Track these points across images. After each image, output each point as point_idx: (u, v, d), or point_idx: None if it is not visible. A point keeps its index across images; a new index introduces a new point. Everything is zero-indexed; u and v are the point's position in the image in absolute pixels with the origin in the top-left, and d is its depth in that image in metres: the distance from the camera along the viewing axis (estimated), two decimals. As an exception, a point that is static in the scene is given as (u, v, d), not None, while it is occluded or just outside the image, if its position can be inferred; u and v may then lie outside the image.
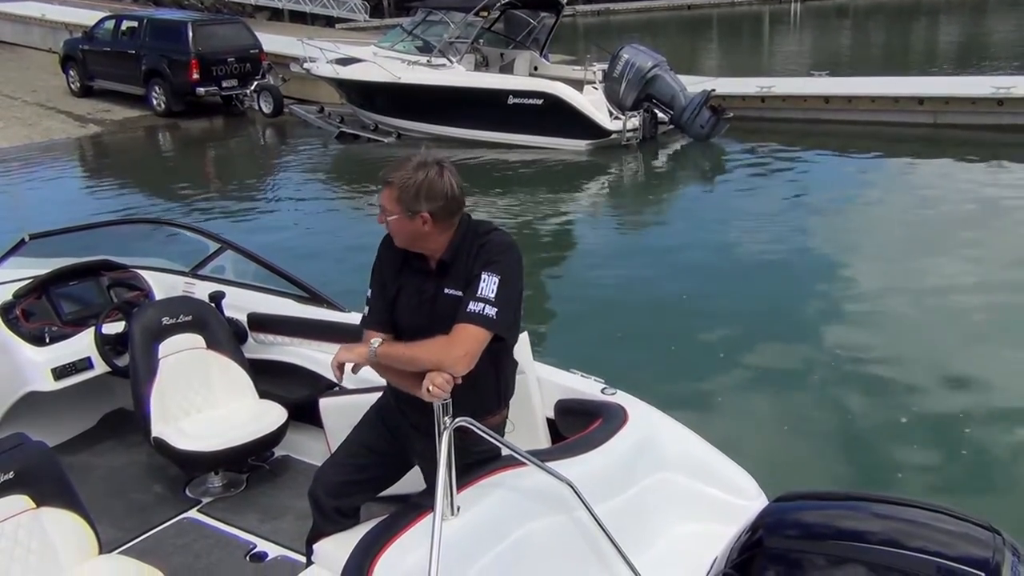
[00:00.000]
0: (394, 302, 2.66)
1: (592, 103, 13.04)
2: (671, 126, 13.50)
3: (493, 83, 13.85)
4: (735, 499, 2.85)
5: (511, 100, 13.25)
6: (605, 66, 13.51)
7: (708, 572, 2.12)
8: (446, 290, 2.56)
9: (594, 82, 13.45)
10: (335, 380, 2.72)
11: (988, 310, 6.84)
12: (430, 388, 2.38)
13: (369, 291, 2.74)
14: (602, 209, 11.49)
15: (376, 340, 2.59)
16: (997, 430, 5.14)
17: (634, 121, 13.09)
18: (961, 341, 6.36)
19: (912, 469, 4.79)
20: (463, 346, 2.43)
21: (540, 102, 13.06)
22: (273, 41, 18.99)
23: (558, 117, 12.95)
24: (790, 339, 6.44)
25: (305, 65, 15.47)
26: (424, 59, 14.11)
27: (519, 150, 13.31)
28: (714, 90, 13.41)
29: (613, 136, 13.00)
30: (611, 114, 13.09)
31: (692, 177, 12.81)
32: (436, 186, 2.50)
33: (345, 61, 14.91)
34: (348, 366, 2.65)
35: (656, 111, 13.34)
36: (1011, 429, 5.14)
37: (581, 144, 13.11)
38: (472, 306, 2.46)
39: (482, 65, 15.02)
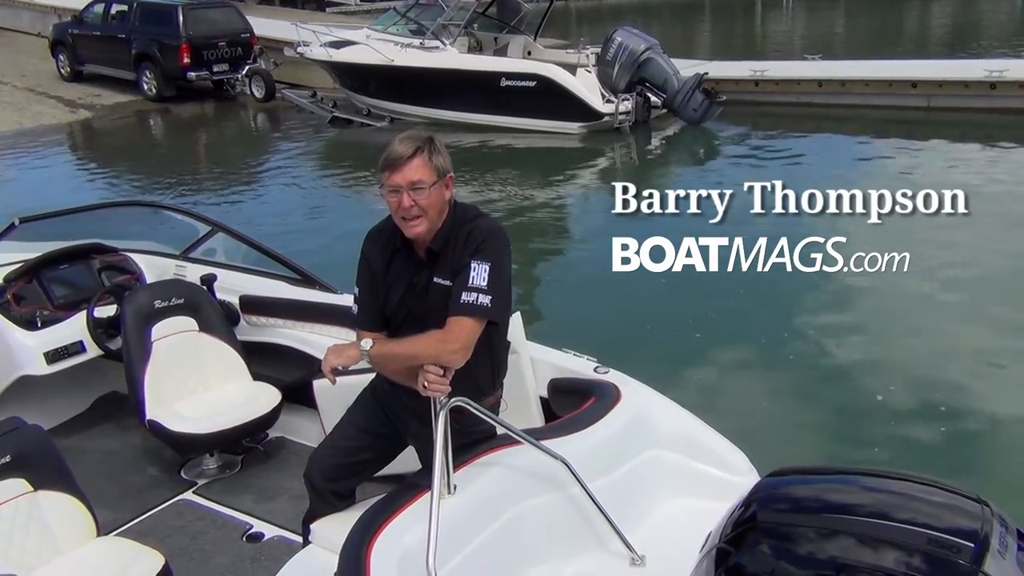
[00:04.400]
0: (386, 295, 2.64)
1: (585, 86, 13.00)
2: (664, 109, 13.46)
3: (486, 65, 13.77)
4: (727, 475, 2.88)
5: (504, 83, 13.20)
6: (598, 49, 13.46)
7: (703, 547, 2.13)
8: (435, 279, 2.55)
9: (587, 65, 13.39)
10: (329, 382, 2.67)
11: (968, 291, 6.87)
12: (426, 385, 2.39)
13: (356, 290, 2.70)
14: (593, 191, 11.49)
15: (367, 341, 2.57)
16: (973, 408, 5.21)
17: (627, 104, 13.04)
18: (945, 321, 6.40)
19: (890, 445, 4.86)
20: (458, 339, 2.43)
21: (533, 84, 13.02)
22: (264, 25, 18.83)
23: (551, 100, 12.90)
24: (771, 318, 6.48)
25: (299, 49, 15.34)
26: (417, 42, 14.02)
27: (512, 133, 13.26)
28: (707, 73, 13.37)
29: (606, 119, 12.96)
30: (604, 97, 13.05)
31: (684, 161, 12.78)
32: (442, 144, 2.54)
33: (338, 44, 14.80)
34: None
35: (649, 94, 13.29)
36: (986, 406, 5.22)
37: (574, 127, 13.08)
38: (465, 297, 2.45)
39: (476, 49, 14.92)
